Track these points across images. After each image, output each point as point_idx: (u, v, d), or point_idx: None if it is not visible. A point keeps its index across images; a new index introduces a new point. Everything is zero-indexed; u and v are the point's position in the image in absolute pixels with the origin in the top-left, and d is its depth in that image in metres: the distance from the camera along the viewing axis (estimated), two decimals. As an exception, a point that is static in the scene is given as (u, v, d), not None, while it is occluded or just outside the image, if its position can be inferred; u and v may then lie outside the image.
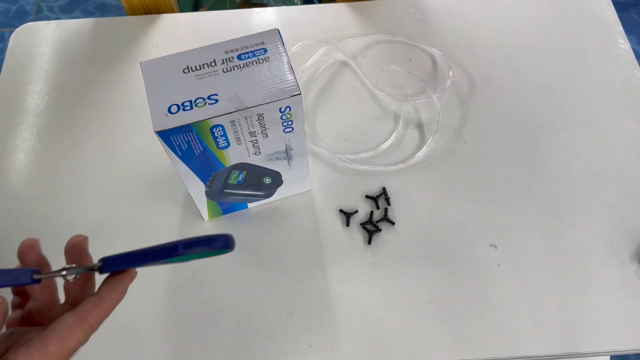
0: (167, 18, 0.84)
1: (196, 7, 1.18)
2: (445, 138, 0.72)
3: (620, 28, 0.81)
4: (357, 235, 0.65)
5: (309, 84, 0.77)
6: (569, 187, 0.68)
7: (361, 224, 0.65)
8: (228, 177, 0.58)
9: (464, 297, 0.61)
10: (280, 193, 0.66)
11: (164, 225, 0.66)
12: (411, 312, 0.60)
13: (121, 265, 0.39)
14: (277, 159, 0.58)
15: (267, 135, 0.53)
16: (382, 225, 0.65)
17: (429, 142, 0.71)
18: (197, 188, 0.58)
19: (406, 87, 0.76)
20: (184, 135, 0.49)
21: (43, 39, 0.82)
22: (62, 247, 0.65)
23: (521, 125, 0.73)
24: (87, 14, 1.82)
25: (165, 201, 0.67)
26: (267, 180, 0.62)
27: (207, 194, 0.60)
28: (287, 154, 0.58)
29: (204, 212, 0.65)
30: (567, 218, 0.66)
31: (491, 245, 0.64)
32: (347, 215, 0.66)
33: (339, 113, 0.74)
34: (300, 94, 0.49)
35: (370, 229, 0.65)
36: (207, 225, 0.66)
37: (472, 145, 0.71)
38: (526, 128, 0.73)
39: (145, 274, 0.63)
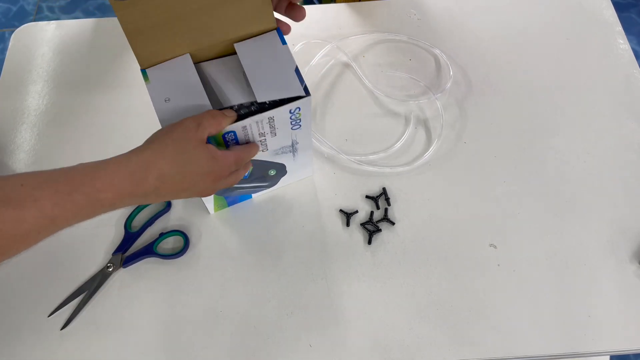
0: (167, 18, 0.84)
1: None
2: (445, 138, 0.72)
3: (620, 28, 0.81)
4: (357, 235, 0.65)
5: (311, 84, 0.77)
6: (569, 187, 0.68)
7: (361, 224, 0.65)
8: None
9: (464, 297, 0.61)
10: (283, 181, 0.66)
11: (168, 219, 0.66)
12: (411, 312, 0.60)
13: None
14: (282, 152, 0.59)
15: (275, 134, 0.54)
16: (382, 225, 0.65)
17: (434, 144, 0.71)
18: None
19: (406, 88, 0.76)
20: None
21: (43, 39, 0.82)
22: (62, 246, 0.65)
23: (521, 125, 0.73)
24: (87, 14, 1.82)
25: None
26: (272, 172, 0.62)
27: None
28: (293, 148, 0.59)
29: (210, 206, 0.65)
30: (566, 218, 0.66)
31: (491, 245, 0.64)
32: (347, 215, 0.66)
33: (339, 113, 0.74)
34: (310, 95, 0.50)
35: (371, 229, 0.65)
36: (213, 219, 0.66)
37: (472, 145, 0.71)
38: (526, 128, 0.73)
39: (145, 274, 0.63)
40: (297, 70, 0.51)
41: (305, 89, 0.50)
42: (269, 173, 0.62)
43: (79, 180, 0.42)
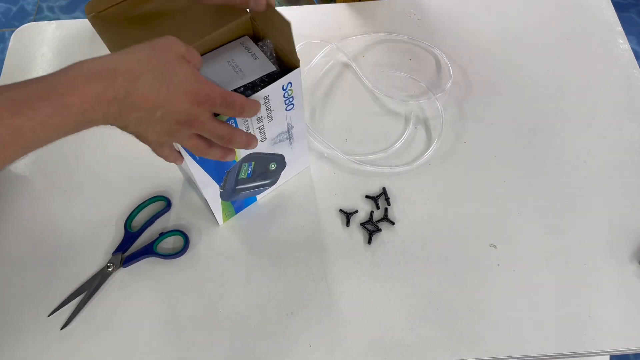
0: (167, 18, 0.84)
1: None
2: (445, 138, 0.72)
3: (620, 28, 0.81)
4: (357, 235, 0.65)
5: (311, 84, 0.77)
6: (569, 187, 0.68)
7: (361, 224, 0.65)
8: (239, 172, 0.58)
9: (464, 297, 0.61)
10: (283, 176, 0.67)
11: (168, 219, 0.66)
12: (411, 312, 0.60)
13: None
14: (280, 141, 0.59)
15: (272, 118, 0.55)
16: (382, 225, 0.65)
17: (434, 144, 0.71)
18: (212, 191, 0.58)
19: (406, 88, 0.76)
20: None
21: (43, 39, 0.82)
22: (62, 246, 0.65)
23: (521, 125, 0.73)
24: (87, 14, 1.82)
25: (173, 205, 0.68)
26: (273, 166, 0.63)
27: (222, 195, 0.60)
28: (289, 133, 0.59)
29: (219, 216, 0.64)
30: (566, 218, 0.66)
31: (491, 245, 0.64)
32: (347, 215, 0.66)
33: (339, 113, 0.74)
34: (299, 67, 0.51)
35: (370, 229, 0.65)
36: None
37: (472, 145, 0.71)
38: (526, 128, 0.73)
39: (145, 274, 0.63)
40: None
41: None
42: (269, 167, 0.63)
43: (39, 86, 0.38)
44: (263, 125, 0.55)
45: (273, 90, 0.51)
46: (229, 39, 0.54)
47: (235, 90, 0.51)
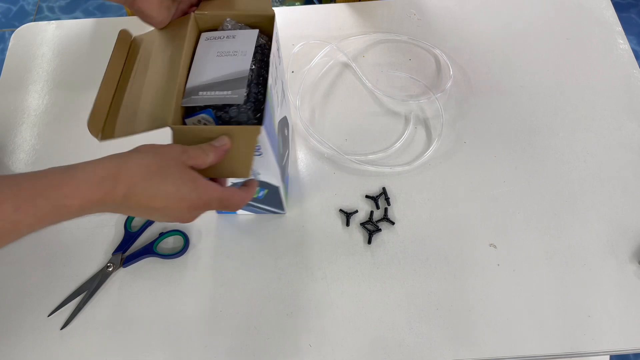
0: (167, 18, 0.84)
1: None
2: (445, 138, 0.72)
3: (620, 28, 0.81)
4: (357, 235, 0.65)
5: (311, 83, 0.77)
6: (569, 187, 0.68)
7: (361, 224, 0.65)
8: (278, 145, 0.57)
9: (464, 297, 0.61)
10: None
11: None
12: (411, 312, 0.60)
13: None
14: (281, 101, 0.59)
15: (279, 80, 0.56)
16: (382, 225, 0.65)
17: (434, 144, 0.71)
18: (278, 177, 0.57)
19: (407, 88, 0.76)
20: (269, 117, 0.49)
21: (43, 39, 0.82)
22: (62, 246, 0.65)
23: (521, 125, 0.73)
24: (87, 14, 1.82)
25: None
26: (286, 131, 0.63)
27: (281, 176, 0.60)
28: (284, 95, 0.61)
29: (285, 203, 0.64)
30: (566, 218, 0.66)
31: (491, 245, 0.64)
32: (347, 215, 0.66)
33: (339, 113, 0.74)
34: (274, 14, 0.52)
35: (370, 228, 0.65)
36: (212, 219, 0.66)
37: (472, 145, 0.71)
38: (526, 128, 0.73)
39: (145, 274, 0.63)
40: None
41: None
42: (284, 133, 0.63)
43: (45, 185, 0.40)
44: (283, 91, 0.57)
45: (275, 46, 0.52)
46: (194, 44, 0.52)
47: (252, 74, 0.49)
